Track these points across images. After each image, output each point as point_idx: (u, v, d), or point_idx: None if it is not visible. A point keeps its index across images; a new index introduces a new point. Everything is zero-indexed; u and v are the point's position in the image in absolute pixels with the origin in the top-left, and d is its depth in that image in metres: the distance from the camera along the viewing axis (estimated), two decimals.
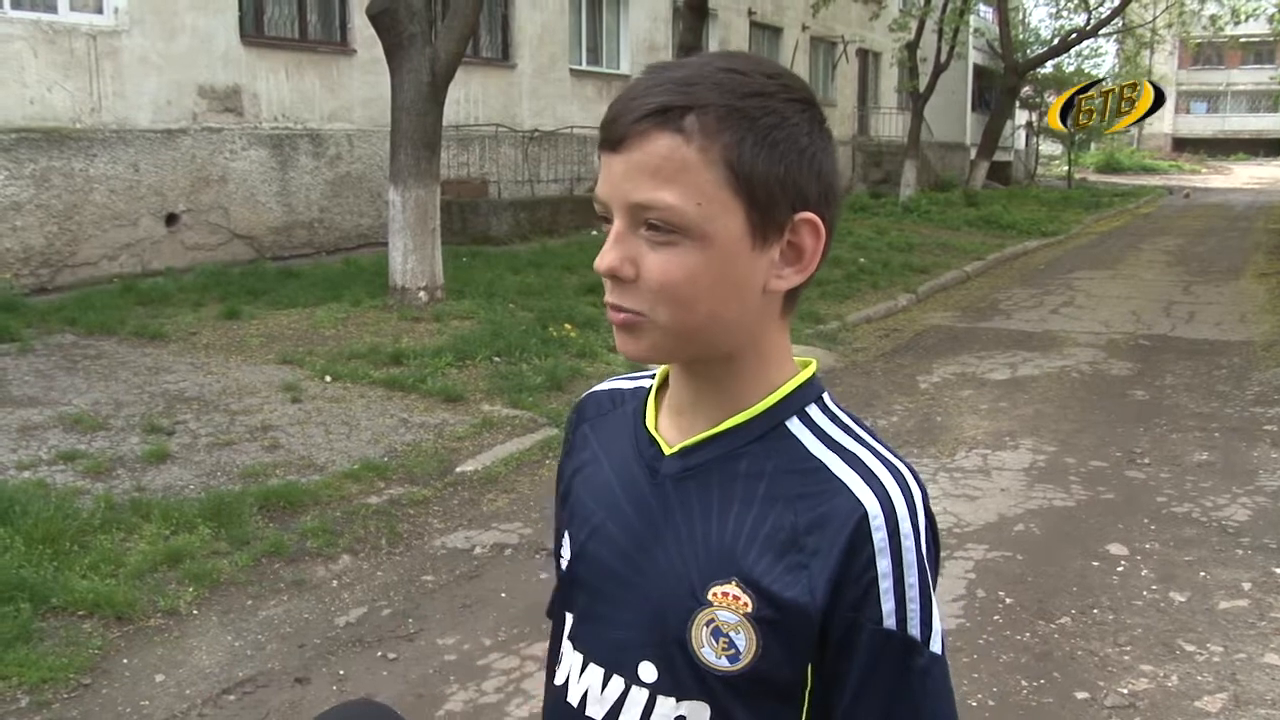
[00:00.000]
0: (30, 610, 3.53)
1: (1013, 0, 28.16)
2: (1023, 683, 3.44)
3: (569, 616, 1.07)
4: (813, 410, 0.98)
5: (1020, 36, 31.21)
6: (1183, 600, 4.05)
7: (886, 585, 0.90)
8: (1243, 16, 27.57)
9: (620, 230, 0.91)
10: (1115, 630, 3.80)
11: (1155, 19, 29.40)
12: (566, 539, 1.08)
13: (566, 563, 1.08)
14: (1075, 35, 27.49)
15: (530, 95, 15.07)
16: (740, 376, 0.97)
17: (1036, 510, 5.02)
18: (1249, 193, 32.89)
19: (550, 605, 1.16)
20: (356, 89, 12.11)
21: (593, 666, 1.02)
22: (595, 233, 13.43)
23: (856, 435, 0.98)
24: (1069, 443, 6.12)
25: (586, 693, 1.02)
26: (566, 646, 1.07)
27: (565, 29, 15.79)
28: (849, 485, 0.92)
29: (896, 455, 0.97)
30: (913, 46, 21.50)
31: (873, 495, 0.91)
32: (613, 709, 1.00)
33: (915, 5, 23.49)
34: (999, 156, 27.78)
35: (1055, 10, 30.72)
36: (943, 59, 21.88)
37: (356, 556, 4.29)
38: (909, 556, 0.91)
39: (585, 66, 16.48)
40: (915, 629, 0.91)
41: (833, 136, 0.96)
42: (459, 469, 5.28)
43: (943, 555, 4.50)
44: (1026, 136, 36.50)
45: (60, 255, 9.33)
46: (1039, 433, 6.30)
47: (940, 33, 21.91)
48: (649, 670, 0.97)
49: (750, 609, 0.92)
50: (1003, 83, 27.08)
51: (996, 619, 3.87)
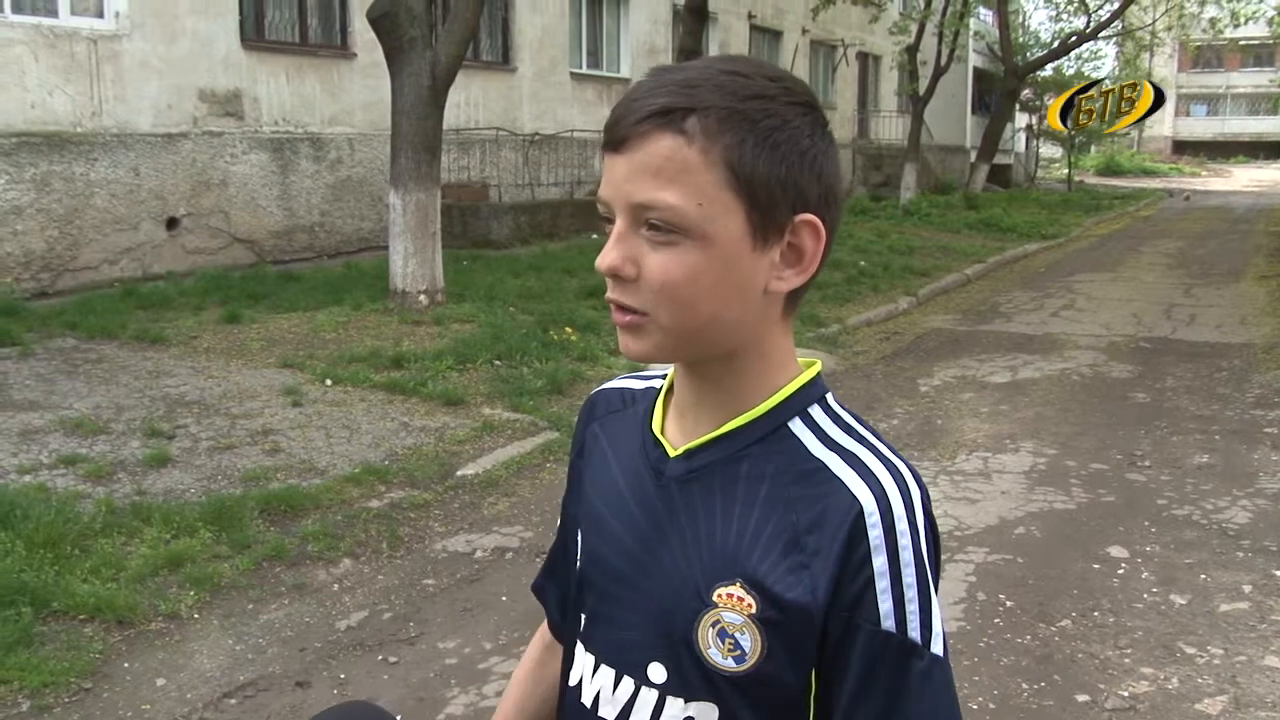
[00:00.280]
0: (31, 614, 3.53)
1: (1012, 3, 28.19)
2: (1023, 685, 3.44)
3: (581, 617, 1.08)
4: (815, 411, 0.98)
5: (1020, 39, 31.26)
6: (1183, 603, 4.06)
7: (884, 585, 0.89)
8: (1242, 19, 27.61)
9: (622, 230, 0.92)
10: (1116, 633, 3.80)
11: (1155, 22, 29.41)
12: (579, 539, 1.09)
13: (578, 564, 1.09)
14: (1075, 38, 27.54)
15: (531, 99, 15.08)
16: (742, 378, 0.97)
17: (1037, 513, 5.02)
18: (1249, 195, 32.90)
19: (535, 584, 1.23)
20: (357, 93, 12.12)
21: (604, 668, 1.03)
22: (596, 236, 13.44)
23: (858, 435, 0.98)
24: (1069, 445, 6.12)
25: (599, 694, 1.03)
26: (579, 648, 1.07)
27: (565, 32, 15.81)
28: (846, 483, 0.92)
29: (898, 455, 0.97)
30: (913, 50, 21.53)
31: (869, 492, 0.91)
32: (624, 710, 1.01)
33: (915, 8, 23.53)
34: (999, 159, 27.80)
35: (1055, 13, 30.84)
36: (943, 62, 21.91)
37: (357, 560, 4.29)
38: (905, 555, 0.90)
39: (585, 70, 16.50)
40: (915, 631, 0.90)
41: (835, 140, 0.97)
42: (460, 472, 5.28)
43: (943, 558, 4.50)
44: (1026, 139, 36.52)
45: (61, 259, 9.34)
46: (1039, 435, 6.31)
47: (940, 36, 21.95)
48: (658, 671, 0.98)
49: (754, 610, 0.92)
50: (1002, 86, 27.12)
51: (997, 622, 3.87)
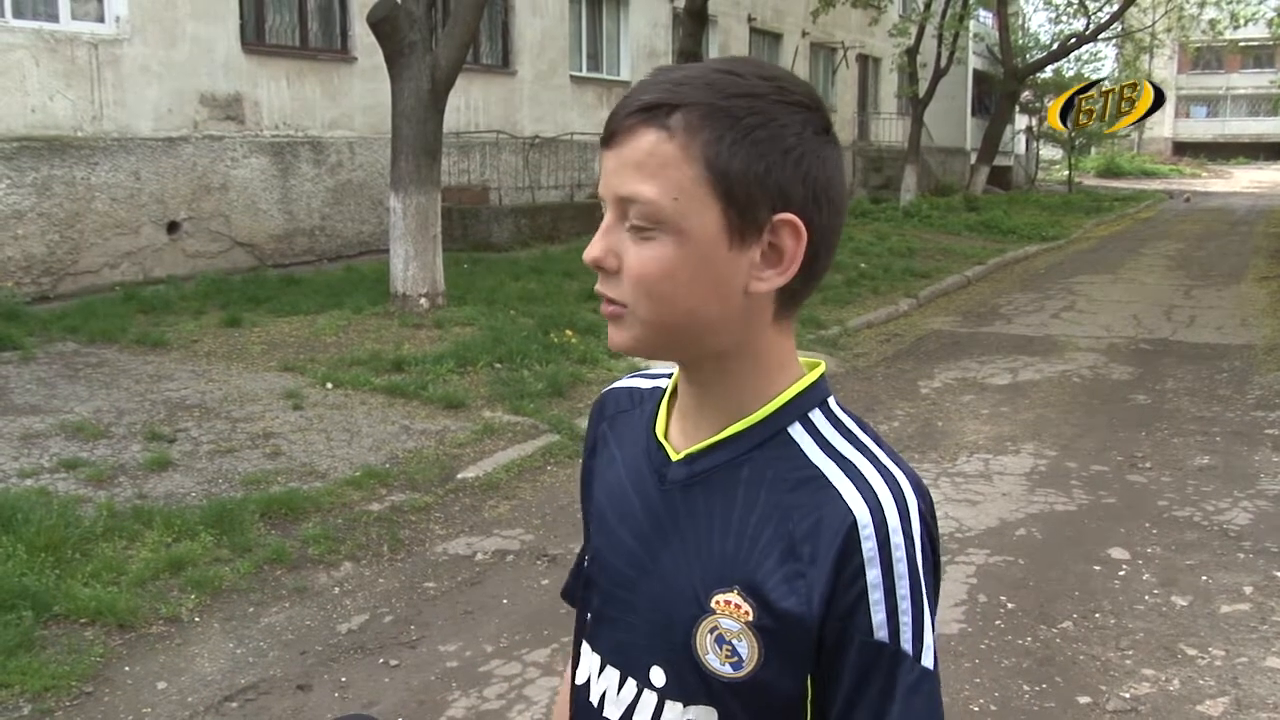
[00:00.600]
0: (32, 618, 3.53)
1: (1012, 5, 28.20)
2: (1024, 687, 3.44)
3: (587, 616, 1.09)
4: (816, 415, 0.97)
5: (1020, 41, 31.26)
6: (1184, 604, 4.05)
7: (877, 596, 0.89)
8: (1242, 21, 27.61)
9: (609, 223, 0.93)
10: (1117, 634, 3.80)
11: (1154, 23, 29.43)
12: (591, 539, 1.10)
13: (587, 564, 1.10)
14: (1075, 40, 27.55)
15: (531, 102, 15.09)
16: (738, 380, 0.97)
17: (1038, 515, 5.02)
18: (1249, 197, 32.89)
19: (565, 587, 1.21)
20: (357, 96, 12.13)
21: (610, 668, 1.03)
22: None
23: (858, 441, 0.96)
24: (1070, 447, 6.12)
25: (605, 694, 1.04)
26: (585, 647, 1.08)
27: (565, 35, 15.82)
28: (842, 493, 0.91)
29: (898, 462, 0.95)
30: (912, 52, 21.55)
31: (863, 503, 0.90)
32: (627, 711, 1.01)
33: (915, 10, 23.58)
34: (999, 161, 27.81)
35: (1054, 15, 30.83)
36: (942, 64, 21.93)
37: (358, 563, 4.29)
38: (900, 567, 0.89)
39: (585, 73, 16.50)
40: (907, 643, 0.89)
41: (837, 142, 0.94)
42: (460, 475, 5.28)
43: (944, 560, 4.51)
44: (1027, 141, 36.52)
45: (62, 263, 9.35)
46: (1040, 437, 6.31)
47: (940, 38, 21.98)
48: (659, 674, 0.98)
49: (751, 617, 0.92)
50: (1002, 88, 27.13)
51: (998, 624, 3.87)
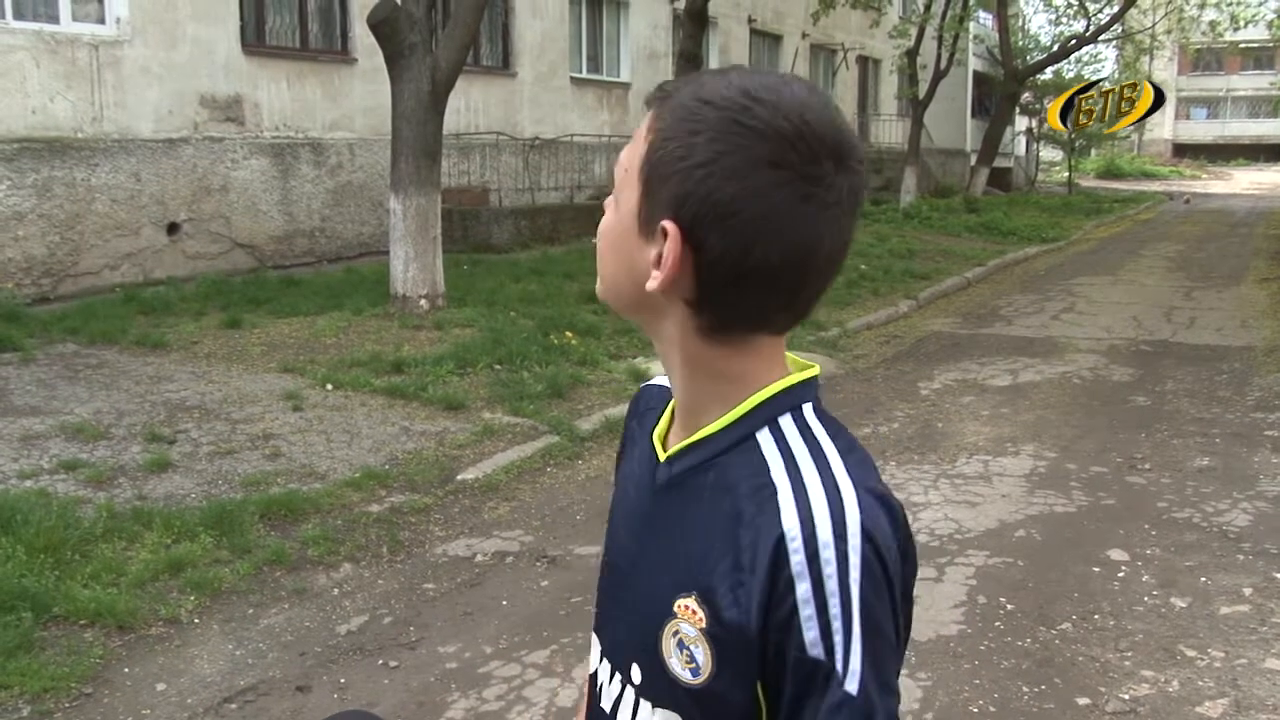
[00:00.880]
0: (32, 619, 3.53)
1: (1012, 7, 28.21)
2: (1024, 689, 3.44)
3: (597, 608, 1.13)
4: (785, 422, 0.95)
5: (1020, 43, 31.27)
6: (1184, 605, 4.05)
7: (808, 612, 0.86)
8: (1242, 22, 27.60)
9: None
10: (1116, 636, 3.80)
11: (1155, 25, 29.44)
12: (606, 534, 1.13)
13: (602, 556, 1.13)
14: (1075, 41, 27.54)
15: (531, 103, 15.09)
16: (696, 384, 0.97)
17: (1037, 516, 5.02)
18: (1249, 198, 32.89)
19: None
20: (357, 98, 12.14)
21: (605, 661, 1.07)
22: (595, 240, 13.43)
23: (819, 452, 0.93)
24: (1070, 448, 6.12)
25: (602, 684, 1.07)
26: (594, 638, 1.13)
27: (565, 37, 15.82)
28: (781, 504, 0.89)
29: (857, 478, 0.91)
30: (913, 53, 21.55)
31: (795, 516, 0.88)
32: (614, 703, 1.04)
33: (915, 12, 23.57)
34: (999, 163, 27.80)
35: (1055, 17, 30.82)
36: (943, 65, 21.94)
37: (358, 564, 4.30)
38: (831, 584, 0.85)
39: (586, 74, 16.51)
40: (840, 664, 0.86)
41: (796, 180, 0.87)
42: (460, 477, 5.28)
43: (943, 561, 4.50)
44: (1027, 143, 36.51)
45: (62, 265, 9.35)
46: (1040, 439, 6.31)
47: (940, 39, 21.99)
48: (637, 672, 1.00)
49: (705, 624, 0.91)
50: (1003, 89, 27.12)
51: (998, 625, 3.87)
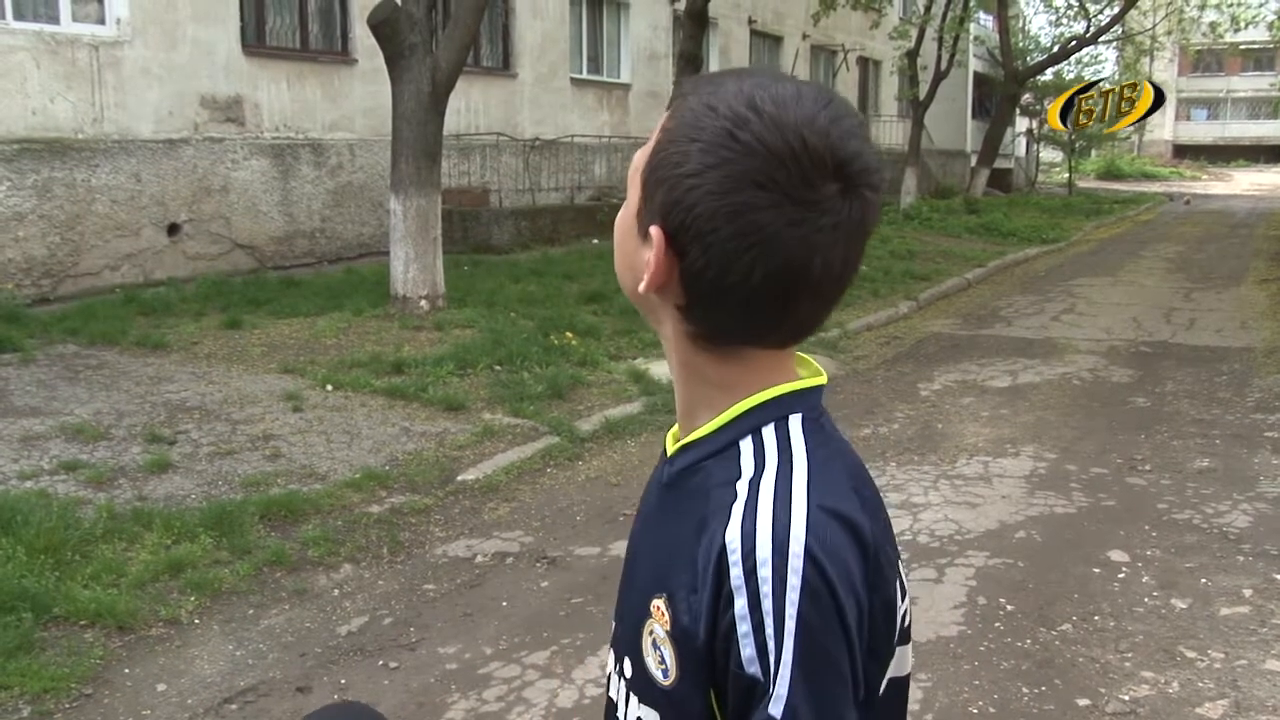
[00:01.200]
0: (32, 620, 3.53)
1: (1012, 8, 28.21)
2: (1024, 690, 3.44)
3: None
4: (768, 432, 0.94)
5: (1020, 44, 31.25)
6: (1184, 607, 4.05)
7: (745, 628, 0.85)
8: (1242, 23, 27.62)
9: None
10: (1116, 637, 3.80)
11: (1155, 26, 29.44)
12: None
13: None
14: (1075, 42, 27.53)
15: (531, 104, 15.10)
16: (687, 388, 0.99)
17: (1037, 517, 5.02)
18: (1249, 199, 32.89)
19: None
20: (357, 98, 12.14)
21: (612, 651, 1.08)
22: (596, 241, 13.45)
23: (788, 465, 0.91)
24: (1070, 450, 6.12)
25: (612, 673, 1.08)
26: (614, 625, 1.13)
27: (566, 38, 15.82)
28: (732, 516, 0.88)
29: (814, 493, 0.89)
30: (913, 54, 21.55)
31: (738, 529, 0.87)
32: (615, 692, 1.05)
33: (915, 13, 23.57)
34: (999, 164, 27.80)
35: (1055, 18, 30.83)
36: (943, 67, 21.93)
37: (358, 565, 4.30)
38: (766, 603, 0.84)
39: (586, 75, 16.50)
40: (772, 683, 0.84)
41: (782, 200, 0.86)
42: (460, 477, 5.28)
43: (944, 563, 4.49)
44: (1027, 144, 36.50)
45: (62, 265, 9.35)
46: (1040, 440, 6.30)
47: (940, 41, 21.98)
48: (628, 667, 1.01)
49: (669, 627, 0.92)
50: (1003, 90, 27.12)
51: (998, 626, 3.87)
